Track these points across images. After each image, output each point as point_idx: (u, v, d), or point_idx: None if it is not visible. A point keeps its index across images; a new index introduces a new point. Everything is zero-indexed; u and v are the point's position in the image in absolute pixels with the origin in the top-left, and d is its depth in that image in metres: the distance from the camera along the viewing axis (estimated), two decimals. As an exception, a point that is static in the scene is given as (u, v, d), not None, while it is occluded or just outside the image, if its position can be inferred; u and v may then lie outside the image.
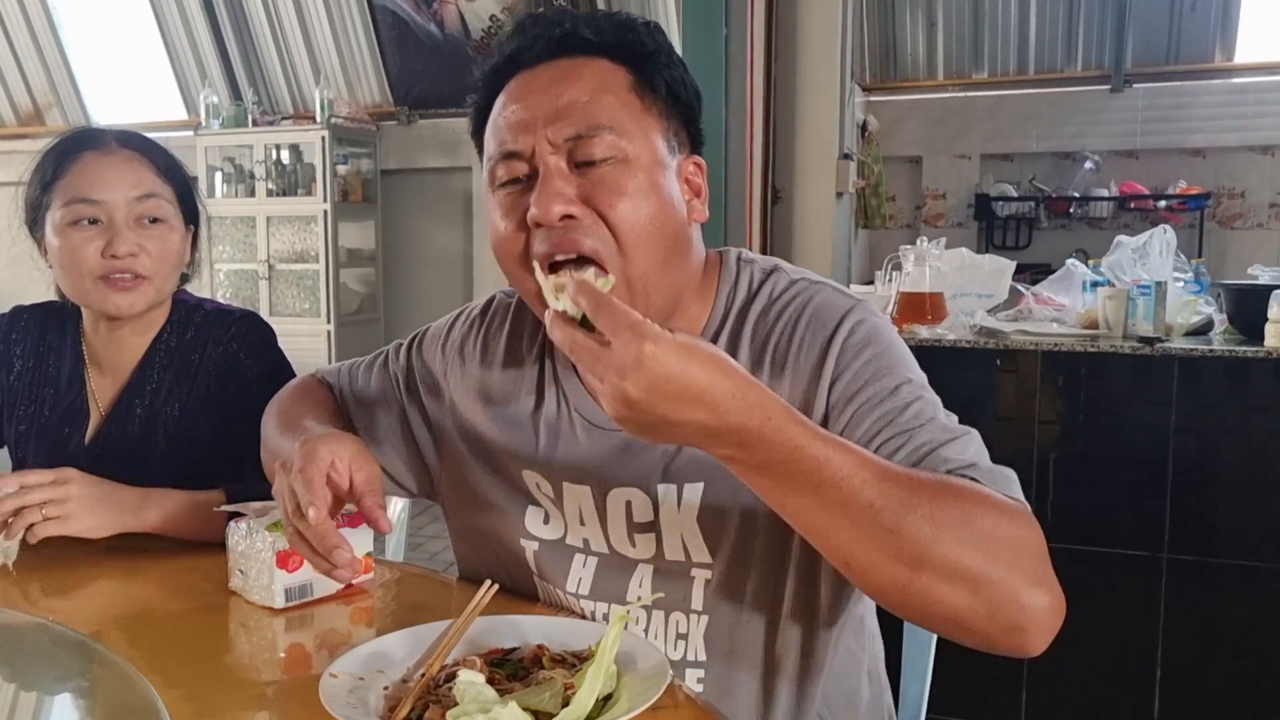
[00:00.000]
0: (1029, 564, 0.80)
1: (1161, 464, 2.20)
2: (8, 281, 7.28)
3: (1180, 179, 5.08)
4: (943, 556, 0.78)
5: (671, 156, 0.99)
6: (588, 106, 0.95)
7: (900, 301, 2.50)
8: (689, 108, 1.03)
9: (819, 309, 1.00)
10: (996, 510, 0.81)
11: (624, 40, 0.99)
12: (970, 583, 0.78)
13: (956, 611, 0.79)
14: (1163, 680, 2.23)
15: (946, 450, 0.89)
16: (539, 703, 0.76)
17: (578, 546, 1.06)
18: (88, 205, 1.39)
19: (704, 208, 1.03)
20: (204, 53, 6.18)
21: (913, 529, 0.78)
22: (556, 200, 0.93)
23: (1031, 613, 0.79)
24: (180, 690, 0.88)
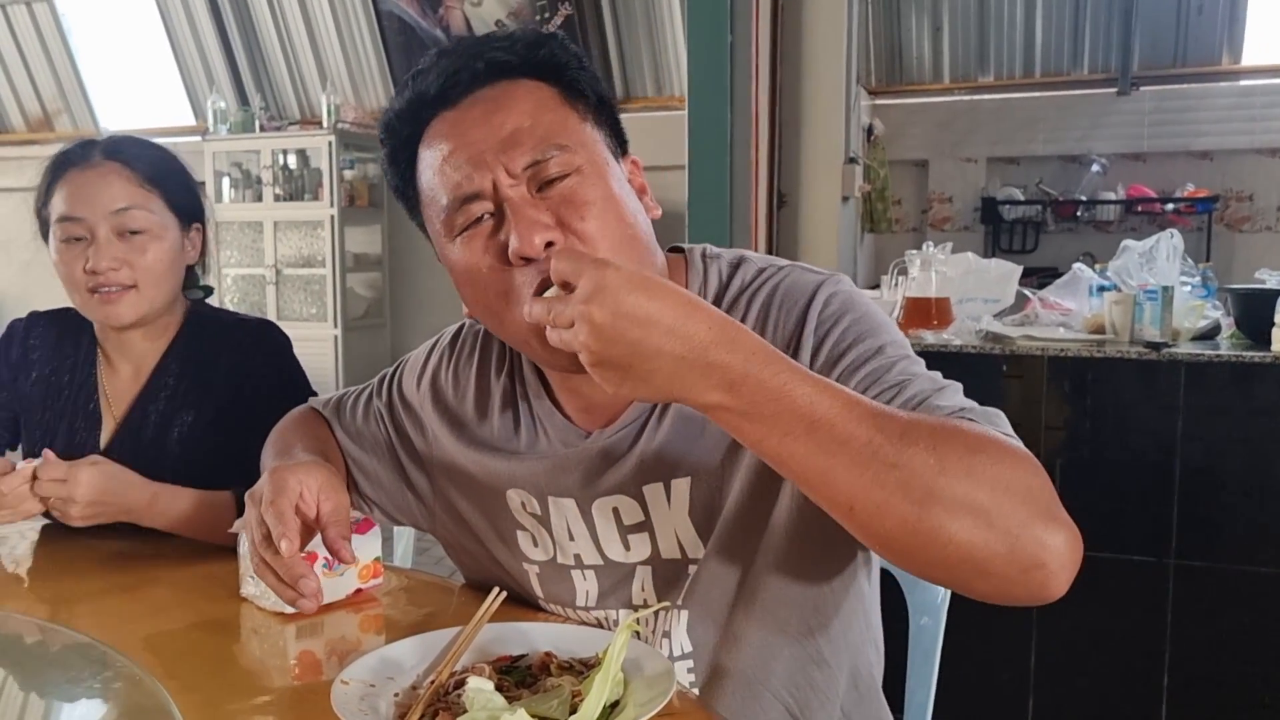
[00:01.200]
0: (1040, 498, 0.76)
1: (1168, 469, 2.19)
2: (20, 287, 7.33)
3: (1188, 182, 5.07)
4: (951, 489, 0.74)
5: (616, 161, 0.99)
6: (534, 129, 0.92)
7: (906, 307, 2.50)
8: (611, 111, 1.01)
9: (789, 289, 0.99)
10: (999, 446, 0.77)
11: (540, 57, 0.96)
12: (983, 517, 0.74)
13: (972, 550, 0.74)
14: (1170, 687, 2.22)
15: (937, 399, 0.86)
16: (547, 710, 0.76)
17: (570, 564, 1.06)
18: (72, 223, 1.42)
19: (654, 203, 1.02)
20: (211, 59, 6.21)
21: (916, 461, 0.74)
22: (535, 230, 0.89)
23: (1052, 548, 0.74)
24: (193, 696, 0.89)
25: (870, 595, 1.13)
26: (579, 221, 0.91)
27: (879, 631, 1.16)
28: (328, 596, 1.10)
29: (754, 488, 0.97)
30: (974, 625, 2.29)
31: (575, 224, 0.91)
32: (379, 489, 1.19)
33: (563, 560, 1.06)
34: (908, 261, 2.55)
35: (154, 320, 1.49)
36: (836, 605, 1.05)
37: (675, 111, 4.23)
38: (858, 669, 1.10)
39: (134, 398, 1.50)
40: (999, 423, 0.84)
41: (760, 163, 3.82)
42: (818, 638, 1.04)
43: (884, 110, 5.48)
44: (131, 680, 0.92)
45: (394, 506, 1.20)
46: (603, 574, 1.05)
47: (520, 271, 0.91)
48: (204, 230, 1.54)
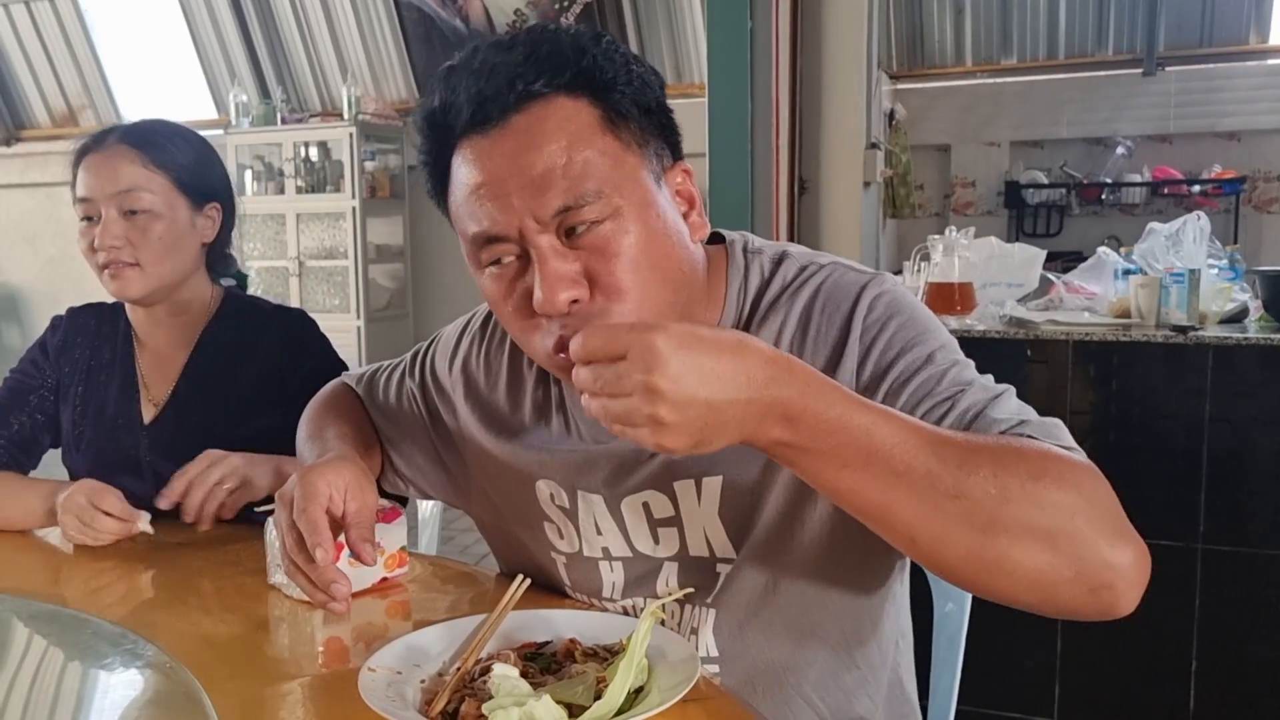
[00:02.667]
0: (1105, 516, 0.75)
1: (1196, 454, 2.17)
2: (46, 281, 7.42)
3: (1214, 163, 5.00)
4: (1014, 516, 0.73)
5: (660, 183, 0.91)
6: (567, 170, 0.85)
7: (929, 292, 2.49)
8: (662, 116, 0.93)
9: (832, 290, 0.95)
10: (1061, 464, 0.76)
11: (579, 72, 0.87)
12: (1048, 541, 0.73)
13: (1039, 575, 0.74)
14: (1198, 672, 2.21)
15: (993, 411, 0.84)
16: (572, 696, 0.77)
17: (598, 556, 1.06)
18: (85, 204, 1.50)
19: (703, 218, 0.95)
20: (233, 52, 6.24)
21: (977, 490, 0.73)
22: (560, 287, 0.85)
23: (1119, 567, 0.74)
24: (223, 684, 0.90)
25: (901, 595, 1.12)
26: (608, 275, 0.86)
27: (908, 628, 1.15)
28: (355, 585, 1.11)
29: (794, 495, 0.96)
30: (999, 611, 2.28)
31: (604, 277, 0.86)
32: (414, 468, 1.20)
33: (589, 553, 1.06)
34: (930, 247, 2.54)
35: (168, 296, 1.55)
36: (872, 612, 1.05)
37: (695, 99, 4.21)
38: (889, 670, 1.10)
39: (175, 380, 1.55)
40: (1058, 434, 0.83)
41: (781, 149, 3.80)
42: (851, 644, 1.04)
43: (905, 94, 5.44)
44: (162, 669, 0.94)
45: (429, 484, 1.21)
46: (630, 566, 1.05)
47: (543, 327, 0.88)
48: (222, 210, 1.58)
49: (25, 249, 7.08)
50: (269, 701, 0.89)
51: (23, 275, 7.13)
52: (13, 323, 7.26)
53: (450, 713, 0.79)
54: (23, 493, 1.42)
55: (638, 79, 0.90)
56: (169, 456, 1.49)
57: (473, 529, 1.25)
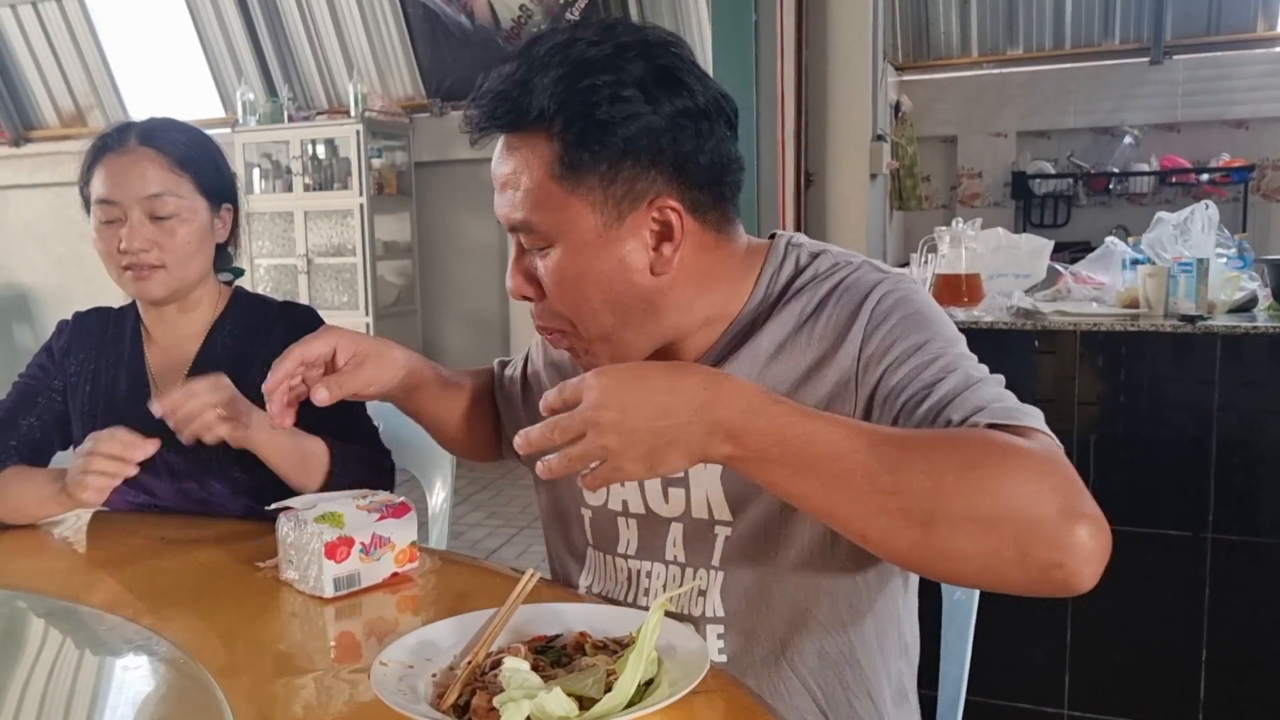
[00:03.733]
0: (1052, 496, 0.77)
1: (1205, 443, 2.17)
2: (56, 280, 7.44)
3: (1223, 152, 4.99)
4: (950, 507, 0.77)
5: (614, 225, 0.95)
6: (515, 197, 0.97)
7: (936, 283, 2.49)
8: (649, 150, 0.94)
9: (853, 284, 1.01)
10: (1002, 451, 0.79)
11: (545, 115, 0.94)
12: (987, 527, 0.76)
13: (985, 560, 0.77)
14: (1208, 661, 2.21)
15: (967, 397, 0.88)
16: (582, 688, 0.78)
17: (618, 510, 1.12)
18: (109, 206, 1.51)
19: (674, 252, 0.97)
20: (239, 51, 6.26)
21: (913, 485, 0.77)
22: (514, 281, 1.02)
23: (1067, 547, 0.75)
24: (236, 679, 0.91)
25: (905, 604, 1.13)
26: (547, 288, 1.00)
27: (913, 640, 1.16)
28: (365, 580, 1.14)
29: None
30: (1008, 601, 2.28)
31: (545, 288, 1.00)
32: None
33: (612, 506, 1.12)
34: (937, 238, 2.53)
35: (186, 295, 1.57)
36: (870, 602, 1.06)
37: (701, 92, 4.21)
38: (894, 679, 1.11)
39: (184, 375, 1.56)
40: (1028, 420, 0.85)
41: (787, 142, 3.80)
42: (850, 633, 1.05)
43: (911, 86, 5.43)
44: (177, 664, 0.95)
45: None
46: (643, 524, 1.10)
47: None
48: (235, 210, 1.61)
49: (35, 249, 7.12)
50: (282, 696, 0.90)
51: (33, 275, 7.16)
52: (24, 322, 7.30)
53: (462, 706, 0.80)
54: (35, 476, 1.44)
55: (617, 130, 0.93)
56: (181, 451, 1.50)
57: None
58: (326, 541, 1.11)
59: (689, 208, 0.98)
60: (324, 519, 1.13)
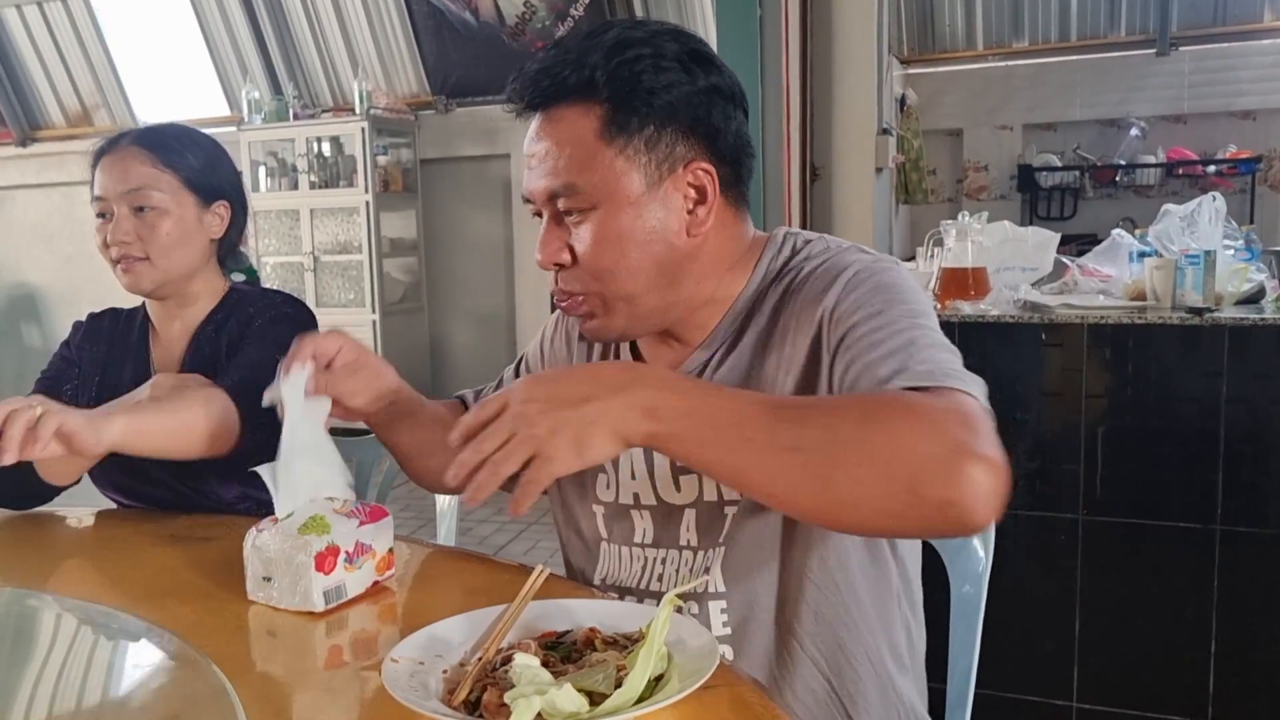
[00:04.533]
0: (944, 438, 0.81)
1: (1213, 435, 2.17)
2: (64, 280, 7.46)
3: (1230, 143, 4.97)
4: (846, 457, 0.81)
5: (655, 186, 1.03)
6: (557, 164, 1.03)
7: (943, 277, 2.48)
8: (689, 117, 1.03)
9: (834, 263, 1.06)
10: (902, 403, 0.86)
11: (594, 84, 1.02)
12: (882, 473, 0.80)
13: (882, 505, 0.81)
14: (1217, 653, 2.21)
15: (895, 360, 0.92)
16: (593, 684, 0.78)
17: (630, 504, 1.14)
18: (99, 202, 1.57)
19: (709, 214, 1.06)
20: (244, 49, 6.26)
21: (812, 439, 0.82)
22: (546, 251, 1.06)
23: (958, 483, 0.79)
24: (249, 678, 0.91)
25: (901, 574, 1.14)
26: (583, 254, 1.04)
27: (916, 610, 1.18)
28: (350, 591, 1.09)
29: None
30: (1017, 593, 2.29)
31: (580, 255, 1.05)
32: None
33: (624, 500, 1.15)
34: (943, 232, 2.53)
35: (177, 289, 1.61)
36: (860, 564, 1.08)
37: (705, 87, 4.20)
38: (890, 644, 1.13)
39: (178, 364, 1.60)
40: (950, 381, 0.88)
41: (792, 136, 3.80)
42: (844, 594, 1.08)
43: (917, 79, 5.42)
44: (188, 662, 0.95)
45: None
46: (656, 514, 1.13)
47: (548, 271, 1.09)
48: (231, 208, 1.64)
49: (43, 249, 7.14)
50: (294, 693, 0.91)
51: (41, 274, 7.19)
52: (32, 322, 7.33)
53: (473, 702, 0.80)
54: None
55: (664, 89, 1.02)
56: None
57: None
58: (317, 552, 1.05)
59: (718, 178, 1.06)
60: (309, 527, 1.07)
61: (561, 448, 0.84)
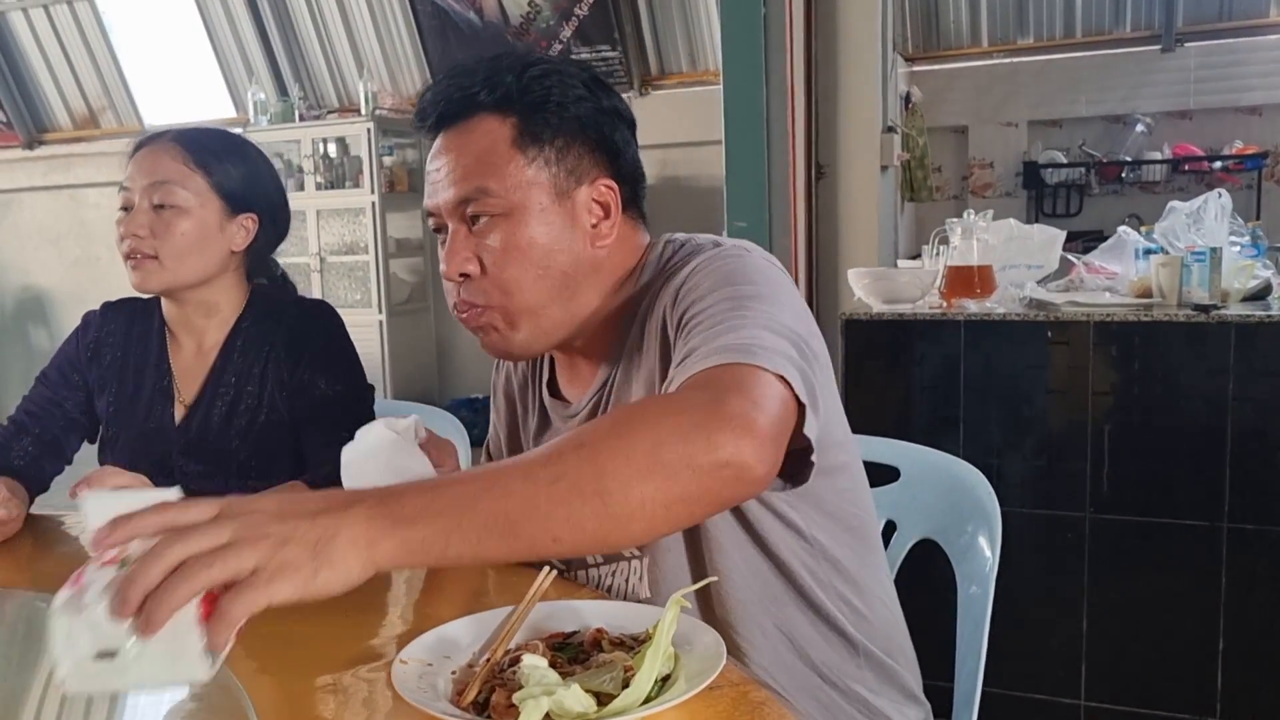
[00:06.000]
0: (692, 410, 0.82)
1: (1220, 433, 2.17)
2: (71, 282, 7.48)
3: (1236, 139, 4.95)
4: (611, 465, 0.78)
5: (565, 196, 1.09)
6: (469, 171, 1.07)
7: (948, 276, 2.48)
8: (594, 134, 1.10)
9: (688, 257, 1.09)
10: (651, 399, 0.92)
11: (508, 96, 1.08)
12: (650, 464, 0.78)
13: (664, 497, 0.78)
14: (1225, 651, 2.21)
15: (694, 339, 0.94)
16: (600, 684, 0.78)
17: None
18: (124, 193, 1.53)
19: (612, 230, 1.11)
20: (250, 51, 6.27)
21: (571, 464, 0.77)
22: (452, 260, 1.08)
23: (722, 445, 0.79)
24: (260, 678, 0.92)
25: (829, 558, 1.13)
26: (493, 265, 1.07)
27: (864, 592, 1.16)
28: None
29: None
30: (1024, 592, 2.29)
31: (490, 266, 1.08)
32: None
33: None
34: (949, 230, 2.53)
35: (194, 296, 1.56)
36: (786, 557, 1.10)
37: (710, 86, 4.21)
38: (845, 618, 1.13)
39: (203, 380, 1.57)
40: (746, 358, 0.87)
41: (797, 135, 3.79)
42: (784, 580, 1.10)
43: (921, 77, 5.41)
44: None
45: None
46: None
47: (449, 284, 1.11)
48: (260, 221, 1.59)
49: (50, 251, 7.16)
50: (304, 694, 0.91)
51: (48, 276, 7.21)
52: (40, 324, 7.35)
53: (481, 703, 0.80)
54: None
55: (573, 103, 1.09)
56: (197, 458, 1.52)
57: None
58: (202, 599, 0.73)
59: (620, 195, 1.12)
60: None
61: (296, 557, 0.69)
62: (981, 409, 2.33)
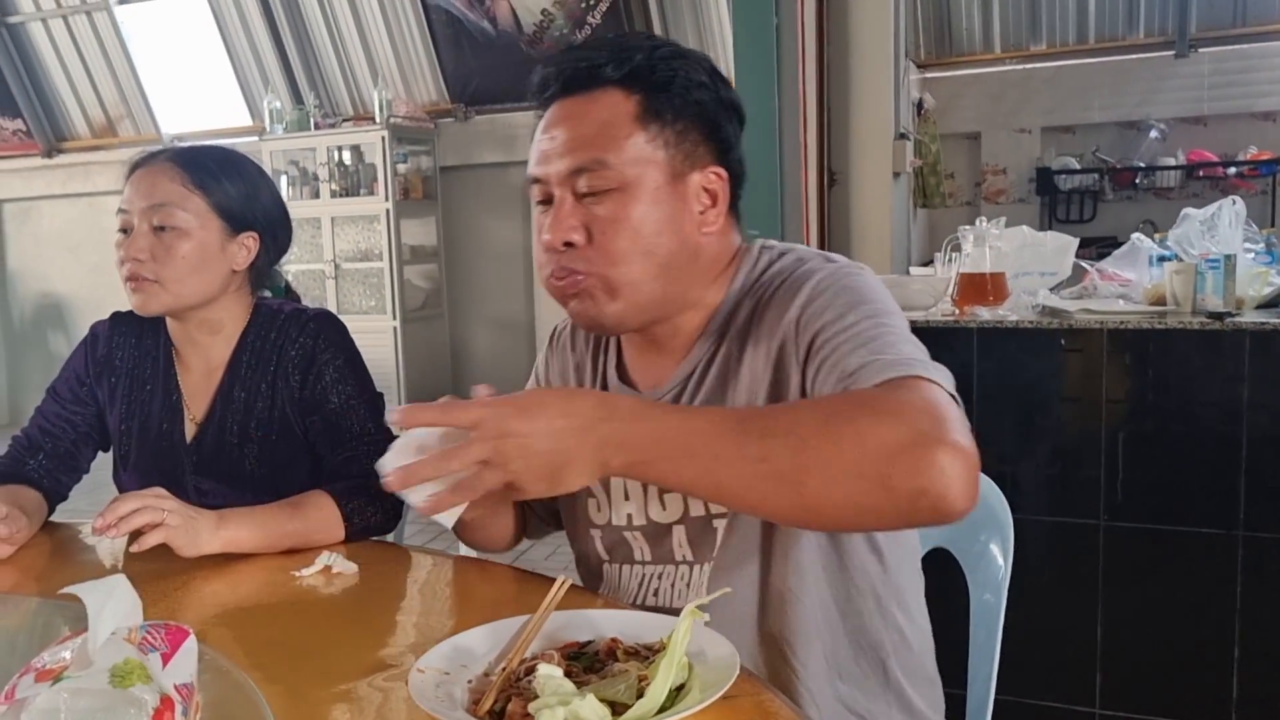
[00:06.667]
0: (909, 429, 0.83)
1: (1235, 440, 2.16)
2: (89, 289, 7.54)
3: (1250, 144, 4.94)
4: (814, 460, 0.84)
5: (679, 179, 1.08)
6: (591, 142, 1.06)
7: (960, 283, 2.48)
8: (711, 122, 1.10)
9: (802, 271, 1.09)
10: (863, 398, 0.90)
11: (635, 73, 1.07)
12: (852, 470, 0.83)
13: (856, 501, 0.84)
14: (1241, 659, 2.19)
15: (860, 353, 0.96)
16: (615, 694, 0.79)
17: (624, 525, 1.17)
18: (122, 215, 1.51)
19: (719, 218, 1.12)
20: (266, 60, 6.32)
21: (779, 448, 0.85)
22: (560, 228, 1.07)
23: (927, 472, 0.81)
24: (277, 686, 0.93)
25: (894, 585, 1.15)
26: (602, 236, 1.06)
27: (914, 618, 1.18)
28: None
29: None
30: (1038, 600, 2.28)
31: (599, 237, 1.06)
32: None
33: (616, 521, 1.18)
34: (961, 237, 2.53)
35: (197, 316, 1.55)
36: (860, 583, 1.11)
37: (723, 94, 4.21)
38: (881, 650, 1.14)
39: (211, 397, 1.56)
40: (915, 370, 0.91)
41: (810, 142, 3.80)
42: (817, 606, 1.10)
43: (934, 83, 5.41)
44: (219, 671, 0.97)
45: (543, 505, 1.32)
46: (648, 533, 1.15)
47: (549, 253, 1.09)
48: (261, 239, 1.57)
49: (69, 258, 7.23)
50: (322, 702, 0.92)
51: (67, 283, 7.27)
52: (58, 330, 7.41)
53: (497, 712, 0.81)
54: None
55: (695, 87, 1.09)
56: (210, 475, 1.53)
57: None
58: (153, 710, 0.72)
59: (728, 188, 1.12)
60: (122, 678, 0.73)
61: (533, 480, 0.87)
62: (994, 417, 2.32)
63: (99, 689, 0.71)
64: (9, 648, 1.12)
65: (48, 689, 0.70)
